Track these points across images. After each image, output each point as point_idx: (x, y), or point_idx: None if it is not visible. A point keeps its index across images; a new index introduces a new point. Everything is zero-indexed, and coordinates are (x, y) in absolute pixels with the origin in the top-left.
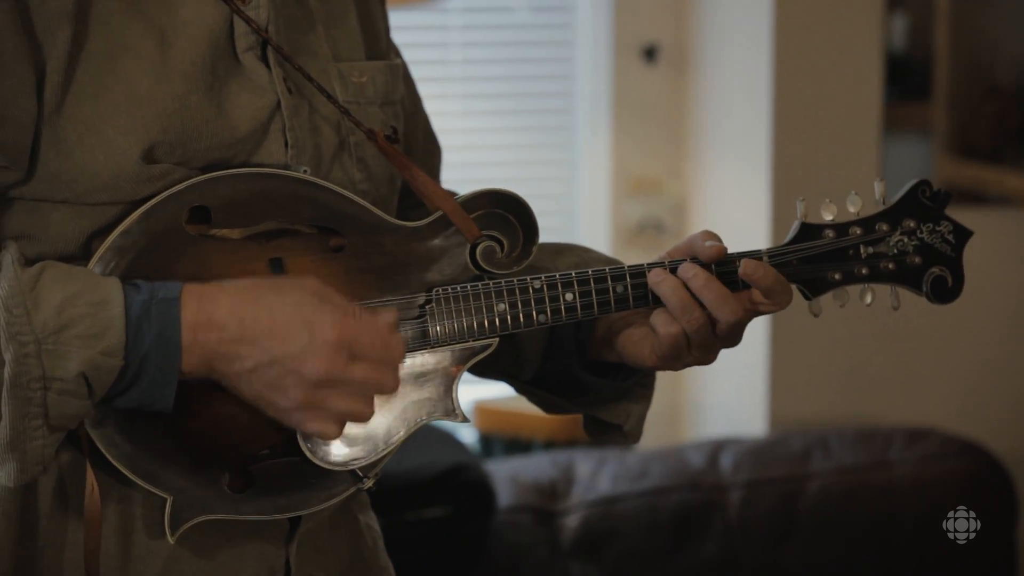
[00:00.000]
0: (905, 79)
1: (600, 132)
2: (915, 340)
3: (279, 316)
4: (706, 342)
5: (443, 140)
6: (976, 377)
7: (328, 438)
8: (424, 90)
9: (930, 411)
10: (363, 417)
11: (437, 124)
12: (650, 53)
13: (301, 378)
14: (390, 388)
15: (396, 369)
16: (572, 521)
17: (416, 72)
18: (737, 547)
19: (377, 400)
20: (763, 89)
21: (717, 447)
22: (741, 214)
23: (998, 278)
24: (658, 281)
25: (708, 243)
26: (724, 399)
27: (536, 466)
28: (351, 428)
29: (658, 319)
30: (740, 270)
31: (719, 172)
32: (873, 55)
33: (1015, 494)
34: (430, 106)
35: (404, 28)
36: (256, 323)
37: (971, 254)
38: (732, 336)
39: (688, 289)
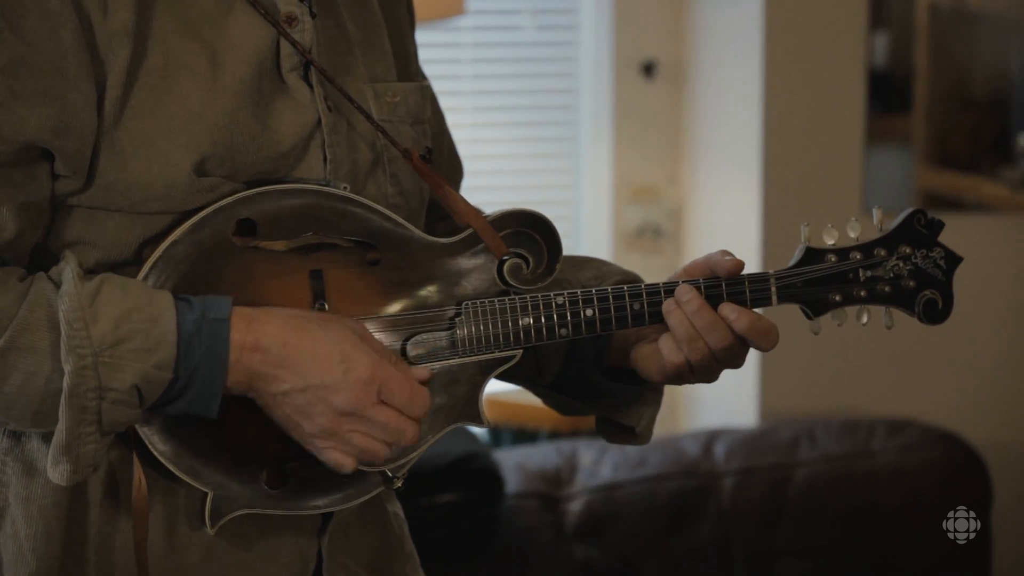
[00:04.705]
0: (887, 93)
1: (602, 142)
2: (897, 338)
3: (320, 348)
4: (707, 368)
5: None
6: (954, 372)
7: (342, 470)
8: None
9: (910, 404)
10: (378, 459)
11: None
12: (649, 69)
13: (330, 407)
14: (408, 439)
15: (417, 422)
16: (575, 506)
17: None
18: (730, 530)
19: None
20: (754, 102)
21: (711, 437)
22: (734, 218)
23: (973, 279)
24: (669, 311)
25: (727, 258)
26: (718, 392)
27: (542, 455)
28: None
29: (665, 346)
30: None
31: (713, 179)
32: (857, 70)
33: (989, 482)
34: None
35: (419, 45)
36: (298, 350)
37: None
38: (731, 360)
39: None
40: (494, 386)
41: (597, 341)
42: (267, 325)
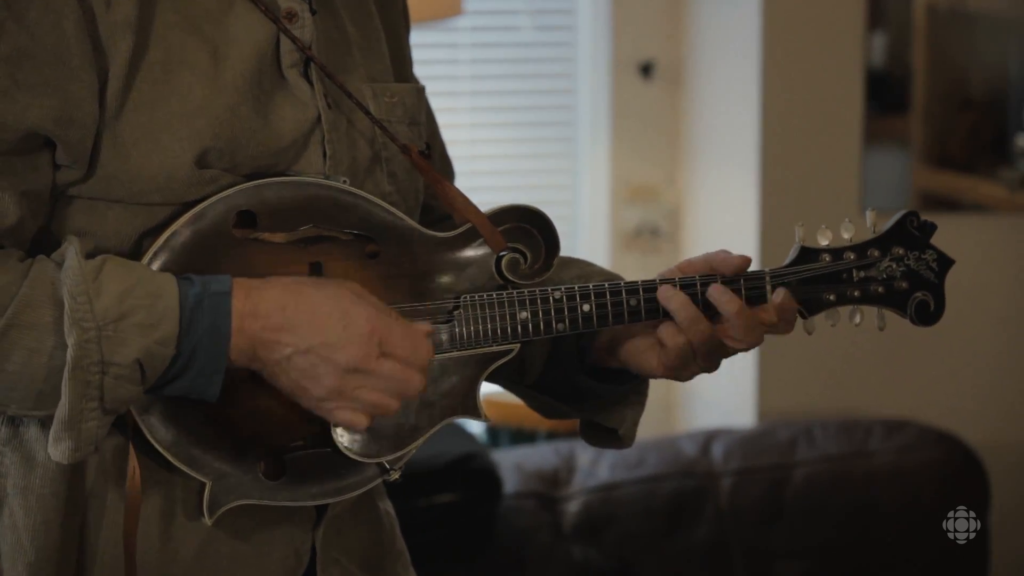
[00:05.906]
0: (884, 93)
1: (600, 143)
2: (895, 338)
3: (318, 308)
4: (711, 351)
5: (453, 150)
6: (952, 372)
7: (356, 427)
8: (435, 104)
9: (908, 404)
10: (389, 411)
11: (447, 135)
12: (646, 69)
13: (334, 366)
14: (415, 388)
15: (423, 372)
16: (573, 506)
17: (427, 87)
18: (727, 531)
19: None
20: (752, 102)
21: (709, 437)
22: (731, 219)
23: (971, 279)
24: (669, 296)
25: (733, 256)
26: (715, 392)
27: (540, 455)
28: (380, 423)
29: (666, 332)
30: (708, 292)
31: (711, 180)
32: (854, 71)
33: (987, 482)
34: (441, 119)
35: (417, 46)
36: (296, 313)
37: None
38: (748, 343)
39: (697, 304)
40: (492, 387)
41: (580, 340)
42: (265, 292)
